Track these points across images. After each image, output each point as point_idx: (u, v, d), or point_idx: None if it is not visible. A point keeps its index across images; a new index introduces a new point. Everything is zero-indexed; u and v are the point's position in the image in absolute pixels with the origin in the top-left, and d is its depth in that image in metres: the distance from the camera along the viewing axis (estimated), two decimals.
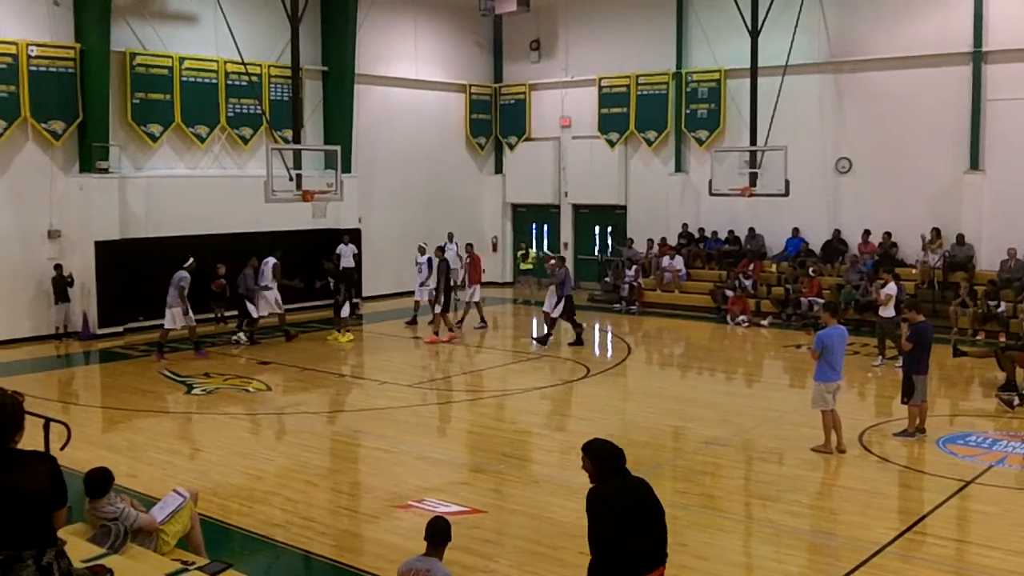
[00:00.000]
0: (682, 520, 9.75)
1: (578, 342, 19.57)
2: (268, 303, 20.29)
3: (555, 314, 19.57)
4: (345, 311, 20.65)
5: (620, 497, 5.78)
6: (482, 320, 21.89)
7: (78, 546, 6.38)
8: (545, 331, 19.82)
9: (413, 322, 22.00)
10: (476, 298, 21.73)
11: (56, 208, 20.19)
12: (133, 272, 20.56)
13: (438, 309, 20.33)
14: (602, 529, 5.72)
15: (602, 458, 5.89)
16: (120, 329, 20.60)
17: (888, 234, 22.60)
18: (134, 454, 12.13)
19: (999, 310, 19.58)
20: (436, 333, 20.30)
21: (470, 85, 29.02)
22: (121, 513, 7.15)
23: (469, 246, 22.61)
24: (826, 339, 11.72)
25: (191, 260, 18.48)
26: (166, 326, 18.27)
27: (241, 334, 19.92)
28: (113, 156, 20.59)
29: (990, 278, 20.70)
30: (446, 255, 21.74)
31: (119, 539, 6.97)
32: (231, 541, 9.11)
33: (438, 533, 6.53)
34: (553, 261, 20.66)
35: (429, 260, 21.49)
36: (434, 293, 20.61)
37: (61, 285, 19.86)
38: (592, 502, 5.76)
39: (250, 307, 19.87)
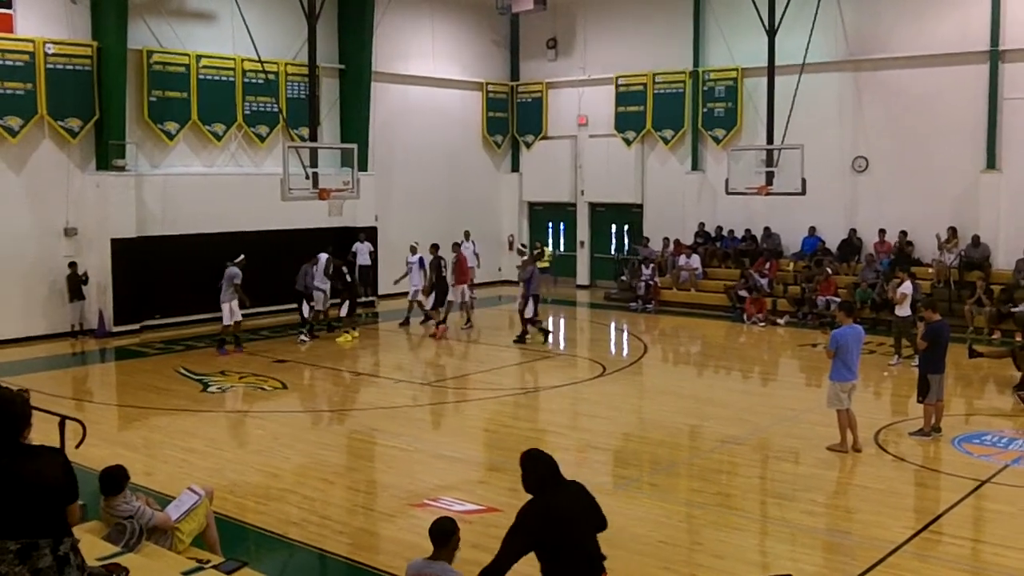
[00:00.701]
0: (699, 519, 9.75)
1: (520, 340, 19.67)
2: (320, 299, 20.61)
3: (528, 314, 19.68)
4: (344, 311, 20.48)
5: (562, 505, 5.72)
6: (468, 322, 21.53)
7: (93, 544, 6.41)
8: (521, 331, 19.88)
9: (406, 323, 21.93)
10: (465, 299, 21.43)
11: (73, 206, 20.30)
12: (149, 270, 20.70)
13: (429, 304, 20.77)
14: (550, 541, 5.61)
15: (536, 468, 5.86)
16: (136, 327, 20.70)
17: (904, 233, 22.48)
18: (150, 452, 12.19)
19: (1015, 309, 19.46)
20: (437, 325, 20.56)
21: (487, 83, 29.02)
22: (136, 511, 7.18)
23: (455, 245, 22.03)
24: (840, 338, 11.68)
25: (241, 256, 18.73)
26: (224, 321, 18.49)
27: (303, 335, 20.01)
28: (130, 154, 20.69)
29: (1006, 277, 20.59)
30: (463, 252, 21.81)
31: (134, 537, 7.01)
32: (246, 539, 9.14)
33: (442, 535, 6.36)
34: (526, 258, 20.81)
35: (420, 259, 21.51)
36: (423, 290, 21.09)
37: (76, 283, 19.96)
38: (533, 518, 5.65)
39: (305, 306, 20.18)
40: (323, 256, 20.57)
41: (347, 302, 20.58)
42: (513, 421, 14.11)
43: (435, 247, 21.21)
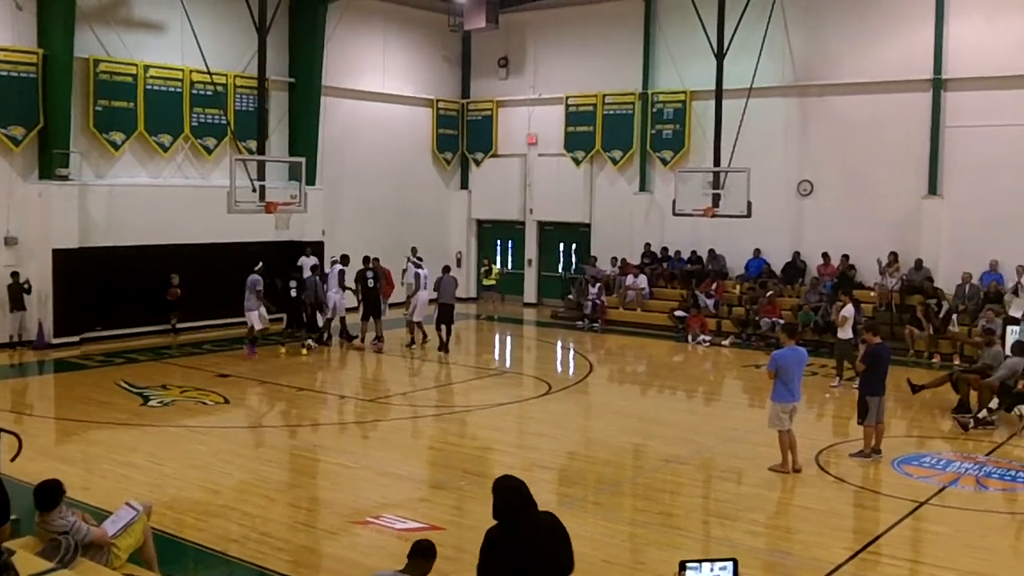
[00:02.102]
0: (642, 538, 9.79)
1: (412, 343, 20.91)
2: (336, 308, 21.21)
3: (417, 317, 20.83)
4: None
5: (521, 535, 5.70)
6: (412, 340, 21.35)
7: (27, 560, 6.27)
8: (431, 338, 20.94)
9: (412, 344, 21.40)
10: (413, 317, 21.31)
11: (14, 215, 19.89)
12: (91, 281, 20.36)
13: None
14: (501, 569, 5.60)
15: (503, 496, 5.84)
16: (76, 339, 20.30)
17: (846, 256, 22.87)
18: (88, 466, 11.96)
19: (953, 330, 19.92)
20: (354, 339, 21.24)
21: (438, 100, 29.03)
22: (72, 527, 7.03)
23: (375, 260, 21.48)
24: (780, 359, 11.83)
25: (260, 264, 19.33)
26: (256, 327, 19.41)
27: (311, 341, 20.55)
28: (74, 163, 20.34)
29: (947, 302, 21.04)
30: (408, 268, 21.89)
31: (69, 553, 6.86)
32: (185, 556, 8.99)
33: (423, 552, 6.28)
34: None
35: (416, 275, 21.53)
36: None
37: (17, 293, 19.56)
38: (488, 541, 5.67)
39: (319, 316, 20.80)
40: (338, 266, 21.32)
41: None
42: (458, 439, 14.06)
43: (366, 259, 21.19)
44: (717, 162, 22.80)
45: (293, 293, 20.70)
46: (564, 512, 10.39)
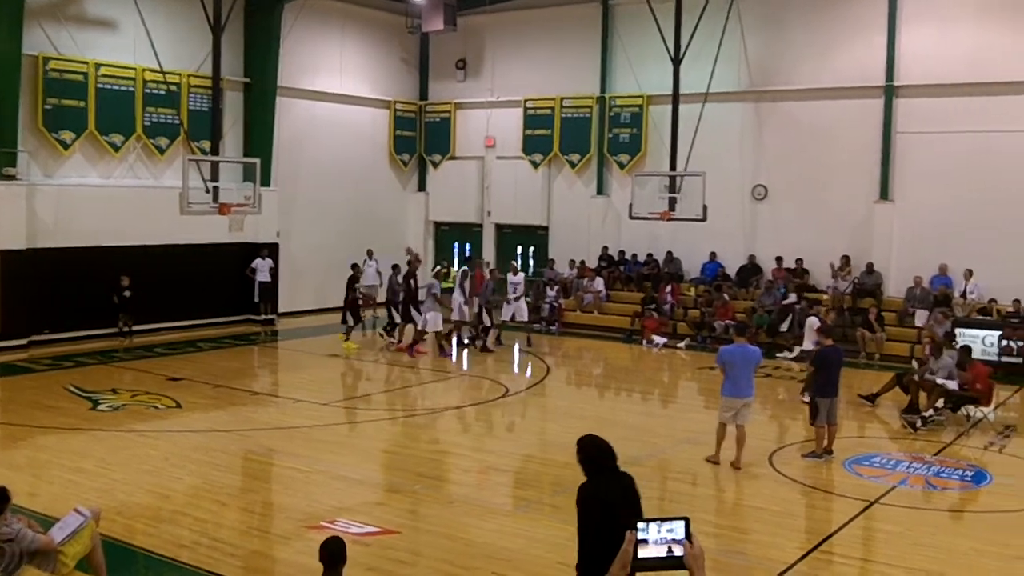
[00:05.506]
0: None
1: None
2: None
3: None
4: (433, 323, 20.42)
5: (610, 492, 5.99)
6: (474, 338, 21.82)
7: None
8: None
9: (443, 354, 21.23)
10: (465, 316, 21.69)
11: None
12: (40, 283, 19.98)
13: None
14: (592, 524, 5.89)
15: (593, 455, 6.09)
16: (24, 342, 19.89)
17: (800, 260, 23.11)
18: (35, 472, 11.73)
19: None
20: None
21: (395, 102, 28.92)
22: (17, 534, 6.89)
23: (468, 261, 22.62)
24: (725, 355, 12.20)
25: (439, 267, 20.40)
26: (430, 328, 20.01)
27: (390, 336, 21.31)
28: (21, 163, 19.96)
29: (898, 305, 21.36)
30: (366, 271, 21.76)
31: (14, 562, 6.73)
32: (135, 563, 8.85)
33: (334, 557, 6.18)
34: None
35: (429, 285, 21.32)
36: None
37: None
38: (582, 498, 5.96)
39: (415, 314, 20.71)
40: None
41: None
42: (414, 442, 13.99)
43: (356, 266, 21.63)
44: (673, 166, 22.94)
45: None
46: (520, 515, 10.44)
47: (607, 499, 5.93)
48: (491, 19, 27.87)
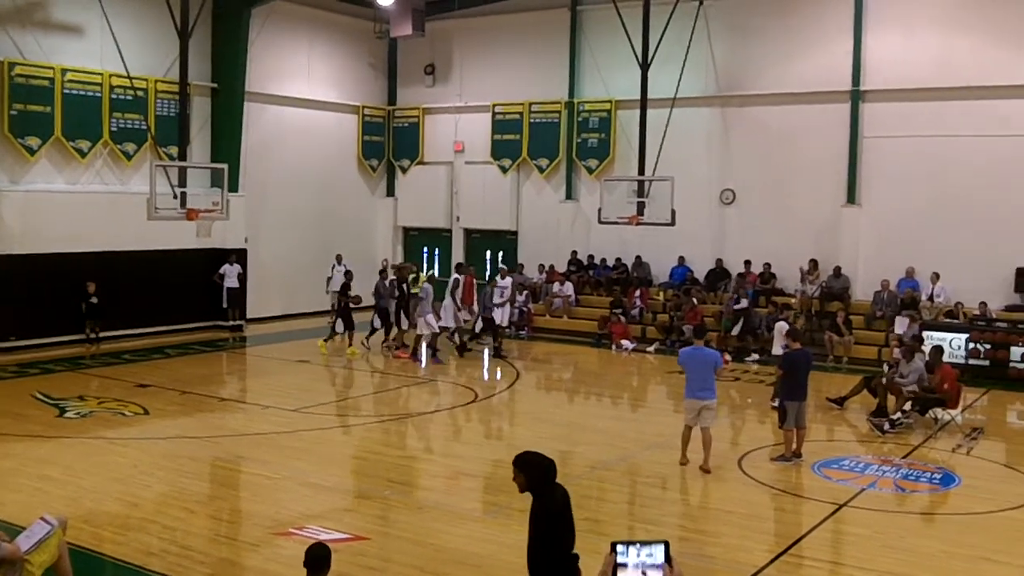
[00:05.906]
0: None
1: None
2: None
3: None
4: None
5: (562, 504, 6.24)
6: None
7: None
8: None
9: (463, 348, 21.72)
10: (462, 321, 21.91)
11: None
12: (6, 290, 19.77)
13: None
14: (552, 538, 6.10)
15: (542, 473, 6.22)
16: None
17: (768, 264, 23.29)
18: (1, 480, 11.55)
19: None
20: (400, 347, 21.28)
21: (363, 107, 28.85)
22: None
23: (459, 267, 22.65)
24: (682, 356, 12.60)
25: (462, 264, 21.10)
26: (444, 324, 20.52)
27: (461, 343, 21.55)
28: None
29: (865, 308, 21.57)
30: (334, 276, 21.72)
31: None
32: (103, 571, 8.78)
33: (318, 561, 6.32)
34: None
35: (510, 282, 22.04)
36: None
37: None
38: (547, 515, 6.13)
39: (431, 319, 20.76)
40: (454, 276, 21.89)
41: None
42: (383, 448, 13.95)
43: (349, 273, 21.75)
44: (642, 171, 23.06)
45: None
46: (490, 520, 10.43)
47: (564, 513, 6.23)
48: (459, 24, 27.88)
